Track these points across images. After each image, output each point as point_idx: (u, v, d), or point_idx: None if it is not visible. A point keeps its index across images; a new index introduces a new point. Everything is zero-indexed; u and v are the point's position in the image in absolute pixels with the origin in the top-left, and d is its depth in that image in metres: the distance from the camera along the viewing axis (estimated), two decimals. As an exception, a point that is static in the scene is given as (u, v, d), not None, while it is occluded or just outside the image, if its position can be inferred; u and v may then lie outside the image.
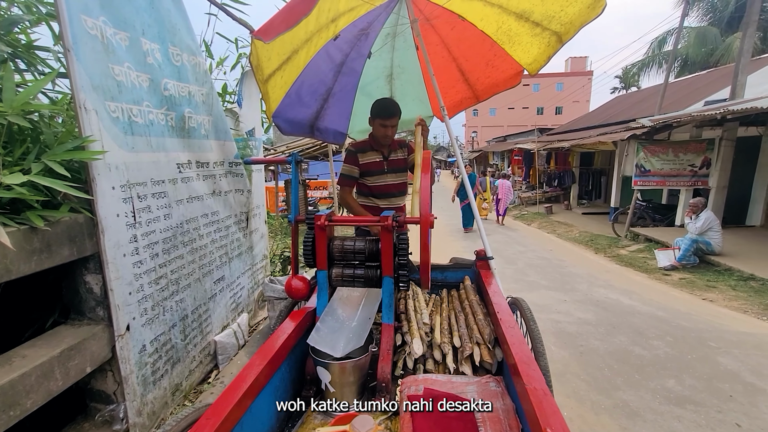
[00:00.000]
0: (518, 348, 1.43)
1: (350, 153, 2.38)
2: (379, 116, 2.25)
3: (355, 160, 2.38)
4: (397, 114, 2.28)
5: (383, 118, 2.25)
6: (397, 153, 2.48)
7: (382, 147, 2.40)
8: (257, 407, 1.34)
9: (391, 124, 2.28)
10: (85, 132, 1.74)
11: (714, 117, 6.34)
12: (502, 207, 11.04)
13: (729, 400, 2.65)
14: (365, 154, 2.39)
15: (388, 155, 2.46)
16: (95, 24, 1.80)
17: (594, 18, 2.10)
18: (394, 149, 2.48)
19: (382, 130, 2.28)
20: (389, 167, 2.46)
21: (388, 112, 2.24)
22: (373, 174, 2.42)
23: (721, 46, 17.39)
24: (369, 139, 2.42)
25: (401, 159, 2.49)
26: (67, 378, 1.73)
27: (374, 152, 2.41)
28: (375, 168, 2.41)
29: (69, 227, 1.75)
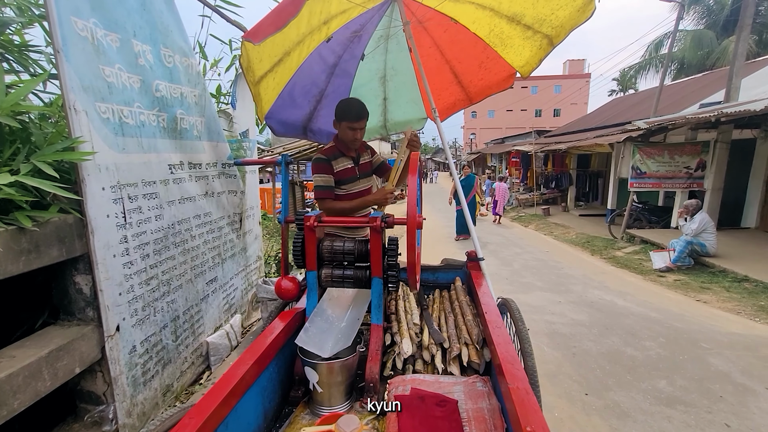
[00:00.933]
0: (504, 348, 1.44)
1: (322, 161, 2.15)
2: (347, 119, 2.09)
3: (329, 168, 2.17)
4: (365, 116, 2.13)
5: (351, 121, 2.09)
6: (364, 156, 2.35)
7: (350, 151, 2.25)
8: (243, 407, 1.34)
9: (359, 126, 2.13)
10: (75, 133, 1.75)
11: (709, 120, 6.38)
12: (500, 208, 11.70)
13: (719, 401, 2.66)
14: (337, 161, 2.20)
15: (358, 160, 2.31)
16: (86, 26, 1.81)
17: (584, 21, 2.12)
18: (361, 152, 2.34)
19: (351, 133, 2.13)
20: (360, 172, 2.32)
21: (356, 114, 2.09)
22: (347, 182, 2.25)
23: (717, 49, 17.49)
24: (336, 144, 2.22)
25: (368, 162, 2.37)
26: (56, 379, 1.73)
27: (345, 158, 2.23)
28: (348, 175, 2.25)
29: (58, 228, 1.75)
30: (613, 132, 9.60)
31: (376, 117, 2.91)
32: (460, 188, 2.60)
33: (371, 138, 3.02)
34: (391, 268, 1.80)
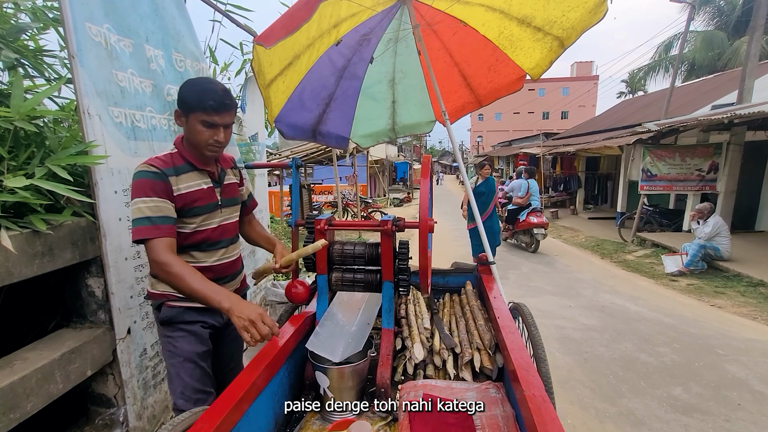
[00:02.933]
0: (518, 354, 1.42)
1: (151, 175, 1.35)
2: (201, 108, 1.32)
3: (166, 189, 1.37)
4: (232, 107, 1.40)
5: (207, 112, 1.33)
6: (229, 176, 1.63)
7: (206, 163, 1.48)
8: (254, 411, 1.33)
9: (222, 122, 1.38)
10: (89, 137, 1.76)
11: (721, 121, 6.29)
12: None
13: (737, 409, 2.60)
14: (181, 177, 1.42)
15: (220, 178, 1.56)
16: (99, 31, 1.83)
17: (596, 23, 2.10)
18: (224, 168, 1.61)
19: (207, 133, 1.37)
20: (224, 198, 1.57)
21: (217, 102, 1.33)
22: (199, 211, 1.47)
23: (728, 51, 17.28)
24: (180, 151, 1.44)
25: (235, 184, 1.66)
26: (68, 381, 1.74)
27: (196, 173, 1.46)
28: (203, 200, 1.47)
29: (71, 231, 1.76)
30: (623, 134, 9.50)
31: (385, 120, 2.91)
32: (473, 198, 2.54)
33: (379, 141, 3.01)
34: (402, 271, 1.79)
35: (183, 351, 1.52)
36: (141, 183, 1.36)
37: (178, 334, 1.53)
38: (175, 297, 1.52)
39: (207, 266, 1.55)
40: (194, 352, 1.54)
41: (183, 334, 1.53)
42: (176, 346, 1.52)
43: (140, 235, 1.33)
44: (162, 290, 1.53)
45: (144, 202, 1.33)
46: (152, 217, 1.34)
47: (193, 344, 1.55)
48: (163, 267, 1.32)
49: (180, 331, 1.53)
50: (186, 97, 1.37)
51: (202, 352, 1.57)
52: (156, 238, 1.33)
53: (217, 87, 1.38)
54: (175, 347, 1.52)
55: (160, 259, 1.31)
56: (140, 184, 1.36)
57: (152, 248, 1.33)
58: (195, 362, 1.53)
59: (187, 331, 1.54)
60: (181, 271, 1.31)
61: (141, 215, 1.33)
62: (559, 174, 15.05)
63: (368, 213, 11.97)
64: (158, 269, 1.34)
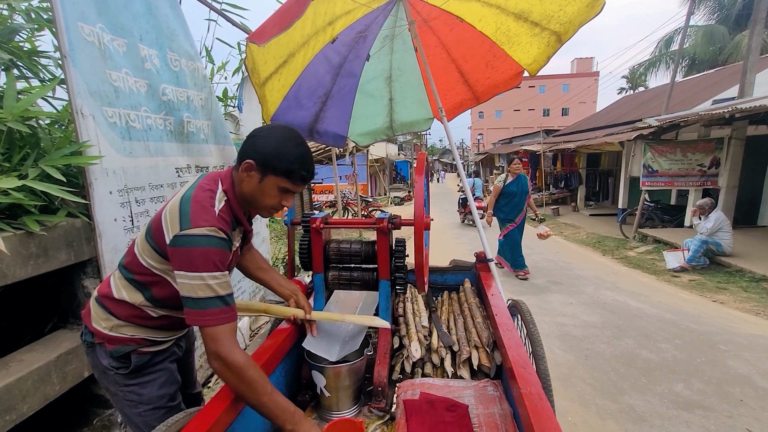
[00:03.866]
0: (515, 351, 1.40)
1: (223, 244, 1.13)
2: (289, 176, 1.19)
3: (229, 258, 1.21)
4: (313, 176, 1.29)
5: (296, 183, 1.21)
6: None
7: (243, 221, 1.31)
8: (250, 411, 1.32)
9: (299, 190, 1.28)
10: (82, 137, 1.76)
11: (722, 116, 6.24)
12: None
13: (740, 405, 2.58)
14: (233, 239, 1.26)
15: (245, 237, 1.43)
16: (92, 31, 1.82)
17: (593, 17, 2.08)
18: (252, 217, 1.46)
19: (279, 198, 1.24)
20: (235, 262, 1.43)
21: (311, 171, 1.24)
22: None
23: (729, 45, 17.17)
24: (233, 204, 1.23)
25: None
26: (65, 382, 1.74)
27: (238, 231, 1.34)
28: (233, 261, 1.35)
29: (66, 232, 1.76)
30: (624, 130, 9.46)
31: (382, 118, 2.89)
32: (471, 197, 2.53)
33: (377, 139, 3.00)
34: (399, 270, 1.78)
35: (151, 397, 1.32)
36: (211, 255, 1.10)
37: (145, 380, 1.31)
38: (148, 341, 1.30)
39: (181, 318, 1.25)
40: (165, 395, 1.35)
41: (151, 378, 1.32)
42: (141, 394, 1.31)
43: (215, 320, 1.09)
44: (132, 334, 1.27)
45: (215, 278, 1.09)
46: (225, 296, 1.11)
47: (164, 386, 1.34)
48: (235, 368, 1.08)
49: (147, 376, 1.31)
50: (272, 158, 1.16)
51: (174, 391, 1.39)
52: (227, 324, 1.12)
53: (310, 154, 1.23)
54: (140, 395, 1.30)
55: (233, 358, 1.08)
56: (209, 256, 1.09)
57: (222, 337, 1.09)
58: (167, 407, 1.34)
59: (156, 373, 1.33)
60: (255, 377, 1.11)
61: (213, 294, 1.09)
62: (559, 171, 15.00)
63: (369, 212, 11.96)
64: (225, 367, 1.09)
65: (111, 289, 1.28)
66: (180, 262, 1.10)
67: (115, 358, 1.27)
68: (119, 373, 1.28)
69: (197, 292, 1.09)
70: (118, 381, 1.29)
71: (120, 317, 1.27)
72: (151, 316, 1.29)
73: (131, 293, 1.27)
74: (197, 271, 1.08)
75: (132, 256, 1.26)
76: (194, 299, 1.09)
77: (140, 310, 1.28)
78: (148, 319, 1.30)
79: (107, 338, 1.27)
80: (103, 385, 1.34)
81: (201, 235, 1.09)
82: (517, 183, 5.47)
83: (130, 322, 1.28)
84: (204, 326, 1.09)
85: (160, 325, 1.33)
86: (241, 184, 1.21)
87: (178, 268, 1.10)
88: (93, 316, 1.30)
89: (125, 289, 1.27)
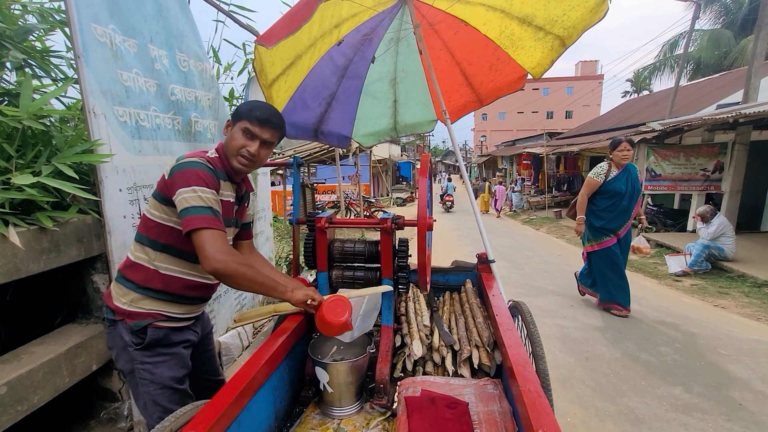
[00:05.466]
0: (515, 351, 1.43)
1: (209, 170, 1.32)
2: (248, 116, 1.36)
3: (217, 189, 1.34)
4: (278, 128, 1.44)
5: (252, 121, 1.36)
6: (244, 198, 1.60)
7: (235, 178, 1.46)
8: (255, 406, 1.35)
9: (261, 136, 1.38)
10: (94, 136, 1.80)
11: (726, 120, 6.25)
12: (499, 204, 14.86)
13: (738, 409, 2.59)
14: (220, 185, 1.38)
15: (241, 198, 1.55)
16: (105, 32, 1.86)
17: (597, 22, 2.10)
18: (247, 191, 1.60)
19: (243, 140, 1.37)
20: (236, 219, 1.55)
21: (265, 115, 1.37)
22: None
23: (734, 49, 17.13)
24: (222, 157, 1.41)
25: (246, 208, 1.62)
26: (74, 375, 1.77)
27: (229, 183, 1.45)
28: (227, 212, 1.44)
29: (77, 228, 1.80)
30: (627, 134, 9.45)
31: (387, 119, 2.92)
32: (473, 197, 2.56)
33: (381, 141, 3.03)
34: (402, 269, 1.81)
35: (162, 377, 1.40)
36: (200, 173, 1.28)
37: (158, 360, 1.40)
38: (163, 316, 1.40)
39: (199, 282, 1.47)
40: (174, 377, 1.43)
41: (164, 359, 1.41)
42: (154, 373, 1.39)
43: (205, 223, 1.22)
44: (149, 308, 1.38)
45: (205, 192, 1.26)
46: (214, 209, 1.27)
47: (174, 369, 1.44)
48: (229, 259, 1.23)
49: (161, 356, 1.41)
50: (239, 108, 1.42)
51: (182, 375, 1.47)
52: (219, 230, 1.25)
53: (271, 107, 1.45)
54: (153, 374, 1.39)
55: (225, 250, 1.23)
56: (199, 174, 1.28)
57: (215, 239, 1.22)
58: (174, 388, 1.43)
59: (169, 355, 1.43)
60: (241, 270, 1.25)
61: (203, 204, 1.25)
62: (562, 174, 15.00)
63: (371, 212, 11.99)
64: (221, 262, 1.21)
65: (129, 257, 1.44)
66: (177, 184, 1.28)
67: (134, 333, 1.38)
68: (137, 349, 1.38)
69: (190, 202, 1.25)
70: (135, 358, 1.39)
71: (138, 284, 1.39)
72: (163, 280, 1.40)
73: (144, 252, 1.40)
74: (189, 185, 1.27)
75: (143, 220, 1.43)
76: (187, 208, 1.25)
77: (154, 272, 1.39)
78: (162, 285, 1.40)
79: (127, 313, 1.38)
80: (120, 364, 1.45)
81: (191, 161, 1.32)
82: (625, 178, 3.80)
83: (146, 294, 1.39)
84: (195, 229, 1.23)
85: (174, 298, 1.43)
86: (225, 143, 1.43)
87: (178, 188, 1.28)
88: (114, 294, 1.43)
89: (139, 251, 1.41)
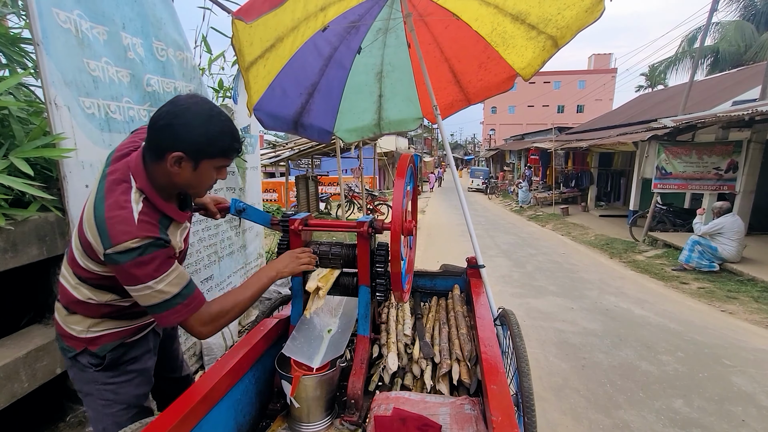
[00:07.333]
0: (491, 369, 1.32)
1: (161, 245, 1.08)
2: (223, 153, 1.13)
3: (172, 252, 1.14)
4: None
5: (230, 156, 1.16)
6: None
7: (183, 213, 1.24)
8: (212, 421, 1.26)
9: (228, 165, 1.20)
10: (56, 129, 1.70)
11: (742, 118, 5.98)
12: None
13: (741, 425, 2.45)
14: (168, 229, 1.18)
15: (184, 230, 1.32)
16: (69, 17, 1.75)
17: (592, 23, 1.99)
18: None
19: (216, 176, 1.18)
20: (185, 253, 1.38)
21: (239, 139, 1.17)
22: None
23: (755, 43, 16.53)
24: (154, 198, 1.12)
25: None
26: (34, 379, 1.70)
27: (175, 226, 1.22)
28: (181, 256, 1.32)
29: (38, 226, 1.72)
30: (638, 130, 9.17)
31: (371, 114, 2.78)
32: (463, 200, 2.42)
33: (364, 137, 2.90)
34: (380, 276, 1.69)
35: (127, 397, 1.30)
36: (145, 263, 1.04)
37: (124, 378, 1.30)
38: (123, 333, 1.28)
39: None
40: (140, 395, 1.35)
41: (130, 377, 1.31)
42: (119, 393, 1.29)
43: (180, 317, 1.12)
44: (103, 329, 1.24)
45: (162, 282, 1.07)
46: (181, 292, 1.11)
47: (140, 386, 1.35)
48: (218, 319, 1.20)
49: (126, 374, 1.30)
50: (205, 145, 1.08)
51: (146, 392, 1.40)
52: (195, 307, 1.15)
53: (233, 127, 1.15)
54: (117, 394, 1.28)
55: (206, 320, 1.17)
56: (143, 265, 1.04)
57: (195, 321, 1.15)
58: (139, 406, 1.35)
59: (135, 372, 1.33)
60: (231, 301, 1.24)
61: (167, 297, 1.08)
62: (570, 169, 14.69)
63: (374, 206, 11.87)
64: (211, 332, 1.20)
65: (73, 294, 1.21)
66: (122, 278, 1.08)
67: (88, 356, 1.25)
68: (98, 370, 1.25)
69: (151, 301, 1.09)
70: (96, 379, 1.26)
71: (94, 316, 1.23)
72: (123, 306, 1.25)
73: (97, 294, 1.20)
74: (141, 283, 1.06)
75: (77, 266, 1.18)
76: (152, 306, 1.10)
77: (110, 306, 1.23)
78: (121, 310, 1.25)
79: (89, 342, 1.24)
80: (78, 385, 1.30)
81: (127, 251, 1.03)
82: None
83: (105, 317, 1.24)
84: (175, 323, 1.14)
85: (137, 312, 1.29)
86: (171, 177, 1.11)
87: (124, 284, 1.09)
88: (65, 326, 1.25)
89: (89, 291, 1.20)
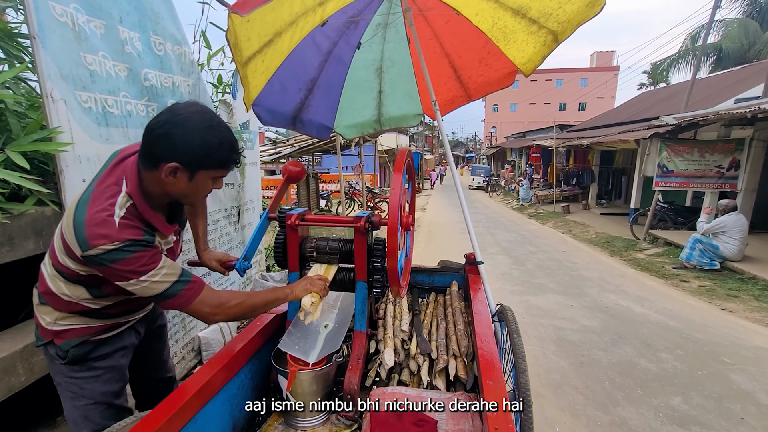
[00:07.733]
0: (487, 365, 1.32)
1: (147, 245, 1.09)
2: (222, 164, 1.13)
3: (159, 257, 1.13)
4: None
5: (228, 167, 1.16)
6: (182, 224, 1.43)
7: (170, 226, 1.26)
8: (207, 416, 1.26)
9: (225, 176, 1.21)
10: (53, 123, 1.69)
11: (744, 115, 5.95)
12: None
13: (740, 423, 2.45)
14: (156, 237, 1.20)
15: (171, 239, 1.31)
16: (65, 11, 1.74)
17: (592, 17, 1.97)
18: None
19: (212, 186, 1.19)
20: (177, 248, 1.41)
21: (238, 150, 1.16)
22: None
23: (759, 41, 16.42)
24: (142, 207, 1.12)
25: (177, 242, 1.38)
26: (31, 374, 1.70)
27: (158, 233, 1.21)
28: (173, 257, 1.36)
29: (35, 220, 1.71)
30: (640, 127, 9.14)
31: (371, 110, 2.77)
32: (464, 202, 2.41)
33: (363, 133, 2.89)
34: (377, 271, 1.69)
35: (92, 393, 1.28)
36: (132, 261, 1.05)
37: (89, 375, 1.27)
38: (89, 330, 1.25)
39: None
40: (108, 392, 1.31)
41: (96, 374, 1.28)
42: (83, 388, 1.27)
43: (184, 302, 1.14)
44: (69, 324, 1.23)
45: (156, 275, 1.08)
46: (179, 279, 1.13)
47: (108, 383, 1.31)
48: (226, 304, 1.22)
49: (92, 371, 1.27)
50: (202, 156, 1.07)
51: (118, 389, 1.35)
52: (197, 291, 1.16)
53: (231, 133, 1.14)
54: (83, 389, 1.27)
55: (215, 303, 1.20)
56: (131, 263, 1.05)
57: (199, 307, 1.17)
58: (108, 403, 1.31)
59: (102, 369, 1.30)
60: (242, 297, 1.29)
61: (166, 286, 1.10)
62: (571, 167, 14.65)
63: (375, 203, 11.86)
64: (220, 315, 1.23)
65: (48, 285, 1.22)
66: (111, 277, 1.08)
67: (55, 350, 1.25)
68: (63, 364, 1.25)
69: (151, 292, 1.10)
70: (62, 372, 1.27)
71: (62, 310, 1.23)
72: (93, 308, 1.24)
73: (70, 288, 1.20)
74: (133, 278, 1.06)
75: (56, 259, 1.18)
76: (153, 296, 1.12)
77: (80, 305, 1.22)
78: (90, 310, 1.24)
79: (56, 335, 1.24)
80: (51, 374, 1.32)
81: (105, 252, 1.03)
82: None
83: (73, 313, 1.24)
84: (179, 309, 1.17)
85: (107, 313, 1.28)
86: (164, 186, 1.11)
87: (115, 282, 1.09)
88: (37, 313, 1.27)
89: (64, 285, 1.20)
